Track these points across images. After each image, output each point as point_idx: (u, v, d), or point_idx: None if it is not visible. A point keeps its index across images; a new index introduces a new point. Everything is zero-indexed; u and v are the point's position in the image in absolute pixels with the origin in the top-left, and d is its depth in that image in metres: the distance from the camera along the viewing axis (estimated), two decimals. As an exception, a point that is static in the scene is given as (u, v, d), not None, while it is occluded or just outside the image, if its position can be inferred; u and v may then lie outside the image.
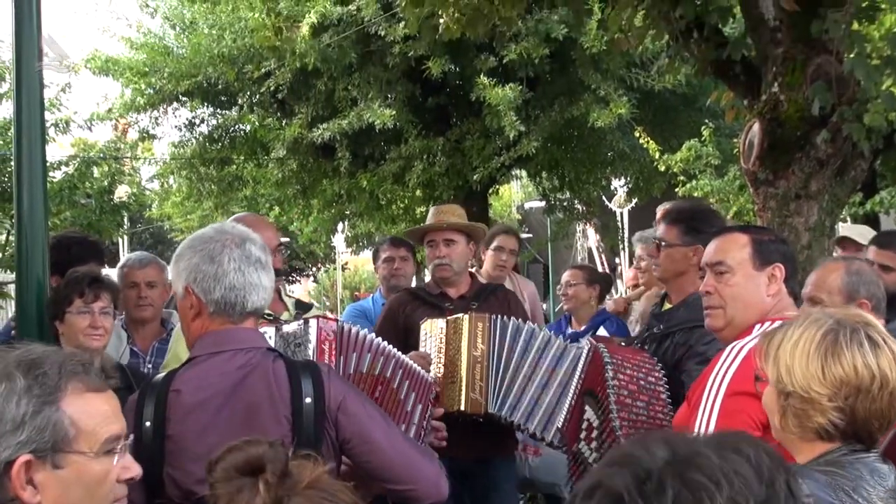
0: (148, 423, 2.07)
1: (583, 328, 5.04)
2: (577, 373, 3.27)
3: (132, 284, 4.03)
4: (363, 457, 2.17)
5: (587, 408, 3.11)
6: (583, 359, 3.27)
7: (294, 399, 2.10)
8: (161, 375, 2.20)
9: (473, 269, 5.21)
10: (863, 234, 4.64)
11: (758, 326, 2.39)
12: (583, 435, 3.08)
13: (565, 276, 5.36)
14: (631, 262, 3.36)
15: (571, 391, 3.27)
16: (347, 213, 12.16)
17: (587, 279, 5.28)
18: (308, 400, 2.10)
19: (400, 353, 2.86)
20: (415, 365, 2.89)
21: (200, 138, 11.61)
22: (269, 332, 2.64)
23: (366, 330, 2.83)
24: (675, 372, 3.10)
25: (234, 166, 11.94)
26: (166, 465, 2.06)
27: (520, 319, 3.50)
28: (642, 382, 3.05)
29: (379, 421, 2.21)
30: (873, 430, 1.72)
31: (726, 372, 2.30)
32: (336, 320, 2.81)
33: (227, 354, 2.14)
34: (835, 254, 4.59)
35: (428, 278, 4.18)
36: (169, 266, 2.33)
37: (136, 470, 1.64)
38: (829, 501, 1.61)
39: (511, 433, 3.78)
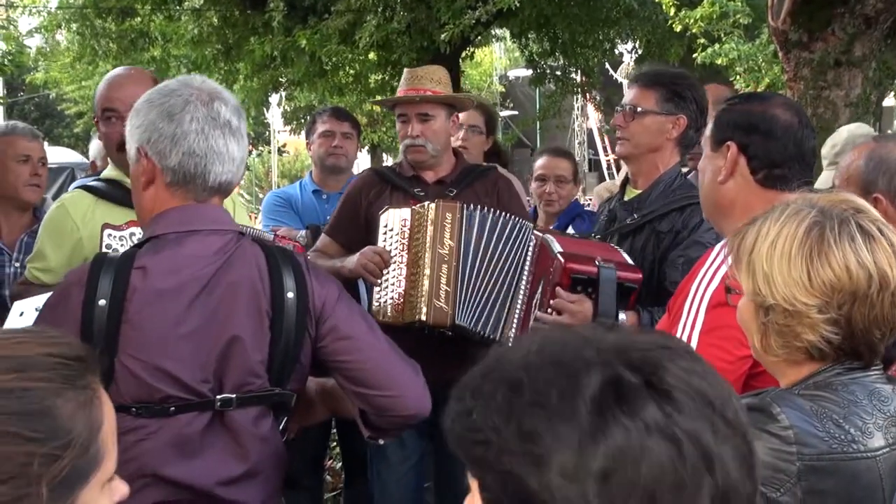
0: (103, 302, 2.13)
1: (551, 228, 4.81)
2: (528, 268, 3.34)
3: (25, 158, 4.02)
4: (344, 355, 2.30)
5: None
6: (531, 253, 3.34)
7: (275, 293, 2.24)
8: (118, 253, 2.25)
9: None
10: None
11: None
12: None
13: (547, 167, 4.94)
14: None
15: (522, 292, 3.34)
16: (283, 80, 12.05)
17: (575, 174, 5.04)
18: (290, 295, 2.24)
19: None
20: None
21: (95, -18, 11.36)
22: None
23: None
24: (661, 268, 3.14)
25: (139, 19, 11.75)
26: (121, 354, 2.13)
27: (499, 211, 3.51)
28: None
29: (361, 319, 2.37)
30: (875, 342, 1.69)
31: (712, 277, 2.28)
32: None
33: (200, 235, 2.22)
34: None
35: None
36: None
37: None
38: (814, 433, 1.61)
39: (487, 348, 3.78)
